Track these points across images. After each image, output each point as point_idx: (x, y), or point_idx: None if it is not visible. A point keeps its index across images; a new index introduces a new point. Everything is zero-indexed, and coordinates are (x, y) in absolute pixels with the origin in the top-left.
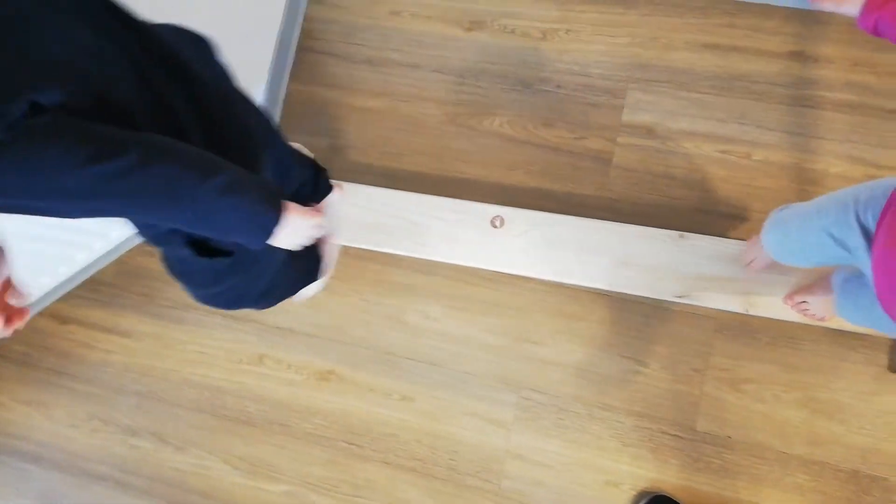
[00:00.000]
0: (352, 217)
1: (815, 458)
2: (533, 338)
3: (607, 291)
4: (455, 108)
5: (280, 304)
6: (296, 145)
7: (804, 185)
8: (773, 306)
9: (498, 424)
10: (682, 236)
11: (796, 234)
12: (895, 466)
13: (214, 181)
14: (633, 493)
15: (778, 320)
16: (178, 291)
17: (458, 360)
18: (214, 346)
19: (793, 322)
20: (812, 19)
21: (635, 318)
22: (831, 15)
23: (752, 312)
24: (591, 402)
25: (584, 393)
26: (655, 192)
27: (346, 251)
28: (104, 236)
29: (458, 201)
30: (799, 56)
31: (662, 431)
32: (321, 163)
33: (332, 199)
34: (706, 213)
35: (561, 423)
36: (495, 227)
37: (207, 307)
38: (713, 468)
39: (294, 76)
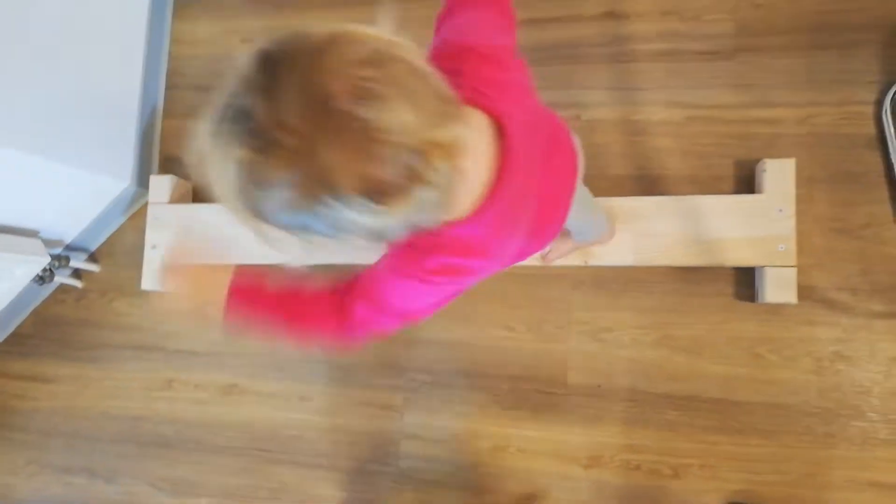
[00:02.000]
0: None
1: (681, 394)
2: None
3: None
4: None
5: (177, 328)
6: (161, 178)
7: (632, 136)
8: (608, 254)
9: (390, 408)
10: None
11: None
12: (754, 390)
13: None
14: (520, 453)
15: (624, 267)
16: (89, 333)
17: (345, 354)
18: (127, 378)
19: (639, 267)
20: None
21: (497, 287)
22: None
23: (591, 263)
24: (471, 374)
25: (463, 366)
26: None
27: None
28: (10, 276)
29: None
30: (612, 15)
31: (538, 390)
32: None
33: None
34: None
35: (446, 398)
36: None
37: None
38: (588, 418)
39: (167, 113)
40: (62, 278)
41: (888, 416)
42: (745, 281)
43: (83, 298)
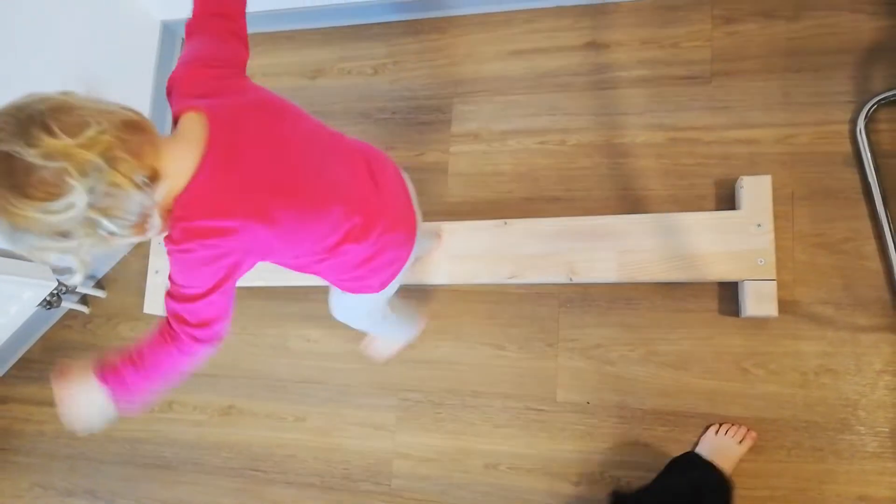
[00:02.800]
0: None
1: (669, 409)
2: None
3: (451, 285)
4: None
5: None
6: None
7: (616, 158)
8: (592, 271)
9: (382, 428)
10: (505, 223)
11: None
12: (742, 404)
13: None
14: (511, 470)
15: (611, 284)
16: (94, 356)
17: (339, 375)
18: None
19: (625, 284)
20: (600, 11)
21: (487, 307)
22: (618, 4)
23: (575, 280)
24: (462, 392)
25: (454, 385)
26: (489, 189)
27: None
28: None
29: None
30: (594, 46)
31: (528, 408)
32: None
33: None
34: (533, 200)
35: (438, 417)
36: None
37: None
38: (578, 435)
39: None
40: (70, 304)
41: (876, 428)
42: (729, 296)
43: (89, 323)
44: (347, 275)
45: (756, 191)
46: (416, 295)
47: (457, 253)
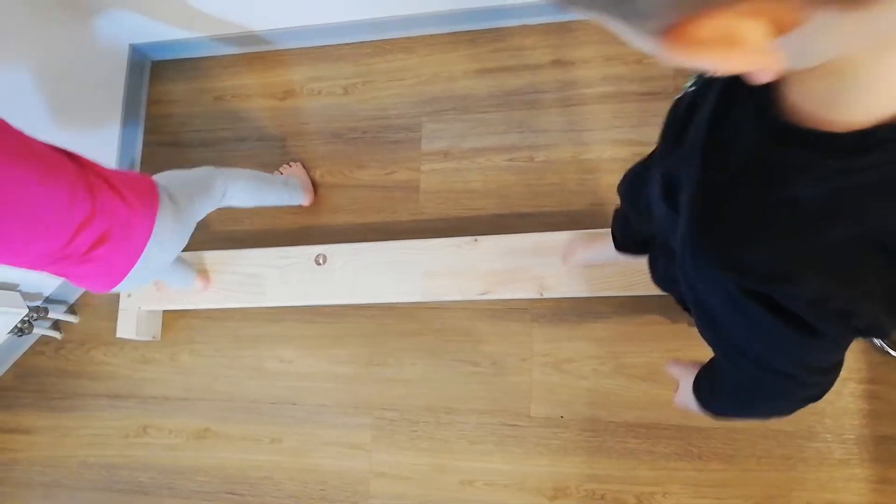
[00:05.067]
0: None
1: (641, 421)
2: (377, 360)
3: (426, 302)
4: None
5: (151, 374)
6: None
7: (583, 174)
8: (563, 286)
9: (358, 448)
10: (476, 240)
11: None
12: None
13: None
14: (487, 486)
15: (582, 298)
16: (67, 383)
17: (314, 394)
18: (104, 426)
19: (594, 297)
20: (565, 29)
21: (462, 324)
22: (582, 21)
23: (546, 295)
24: (437, 409)
25: (429, 402)
26: (460, 206)
27: (200, 314)
28: None
29: (284, 248)
30: (559, 63)
31: (502, 423)
32: None
33: None
34: (503, 216)
35: (414, 435)
36: (319, 264)
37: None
38: (552, 449)
39: (143, 169)
40: (41, 330)
41: (842, 435)
42: None
43: (62, 349)
44: None
45: None
46: (393, 313)
47: (429, 270)
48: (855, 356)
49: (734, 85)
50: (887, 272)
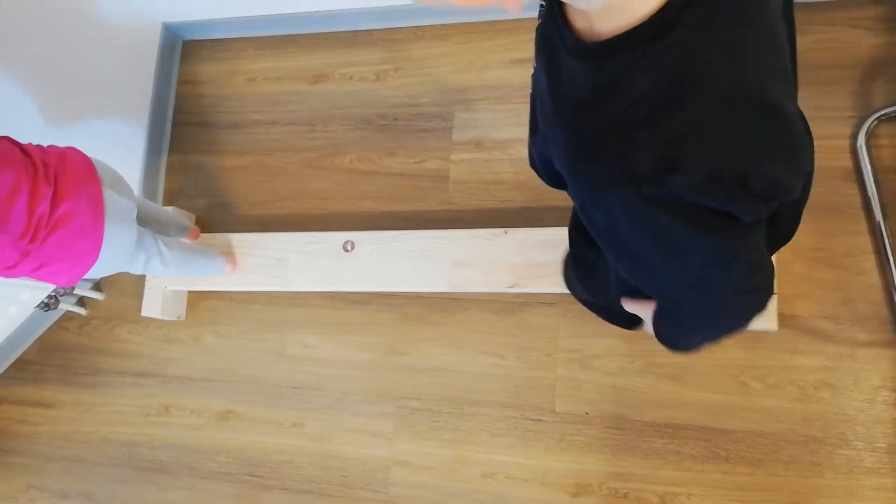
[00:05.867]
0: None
1: (668, 422)
2: (400, 349)
3: (454, 293)
4: (311, 154)
5: (175, 354)
6: (170, 209)
7: None
8: None
9: (380, 436)
10: (506, 232)
11: None
12: (740, 418)
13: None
14: (508, 480)
15: None
16: (91, 359)
17: (337, 381)
18: (126, 403)
19: None
20: None
21: (487, 316)
22: None
23: None
24: (460, 401)
25: (453, 393)
26: (489, 197)
27: (225, 296)
28: (16, 301)
29: (312, 233)
30: None
31: (526, 417)
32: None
33: None
34: (533, 209)
35: (436, 425)
36: (347, 251)
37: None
38: (576, 445)
39: (172, 149)
40: (67, 306)
41: (873, 444)
42: None
43: (86, 325)
44: None
45: None
46: (419, 302)
47: (457, 261)
48: (889, 364)
49: (548, 47)
50: (772, 127)
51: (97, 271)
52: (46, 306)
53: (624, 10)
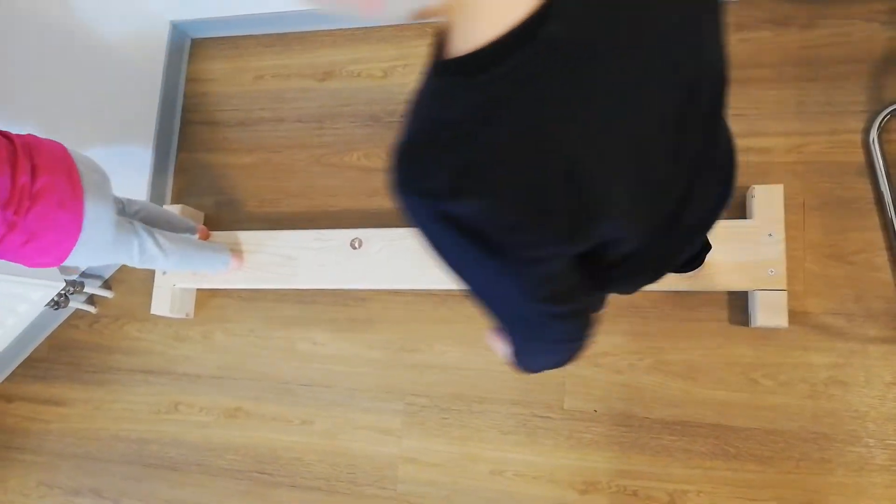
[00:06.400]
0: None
1: (677, 419)
2: (409, 346)
3: (461, 290)
4: (319, 151)
5: (185, 352)
6: (178, 210)
7: None
8: None
9: (388, 433)
10: None
11: None
12: (750, 415)
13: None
14: (517, 477)
15: None
16: (100, 357)
17: (345, 378)
18: (136, 400)
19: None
20: None
21: None
22: None
23: None
24: (469, 398)
25: (461, 390)
26: None
27: (233, 294)
28: (27, 299)
29: (321, 231)
30: None
31: (534, 415)
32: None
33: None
34: None
35: (445, 422)
36: (354, 248)
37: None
38: (584, 443)
39: (181, 147)
40: (77, 304)
41: (885, 441)
42: (739, 306)
43: (96, 323)
44: None
45: (768, 200)
46: (428, 299)
47: None
48: None
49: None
50: (557, 187)
51: (87, 255)
52: (56, 304)
53: (463, 37)
